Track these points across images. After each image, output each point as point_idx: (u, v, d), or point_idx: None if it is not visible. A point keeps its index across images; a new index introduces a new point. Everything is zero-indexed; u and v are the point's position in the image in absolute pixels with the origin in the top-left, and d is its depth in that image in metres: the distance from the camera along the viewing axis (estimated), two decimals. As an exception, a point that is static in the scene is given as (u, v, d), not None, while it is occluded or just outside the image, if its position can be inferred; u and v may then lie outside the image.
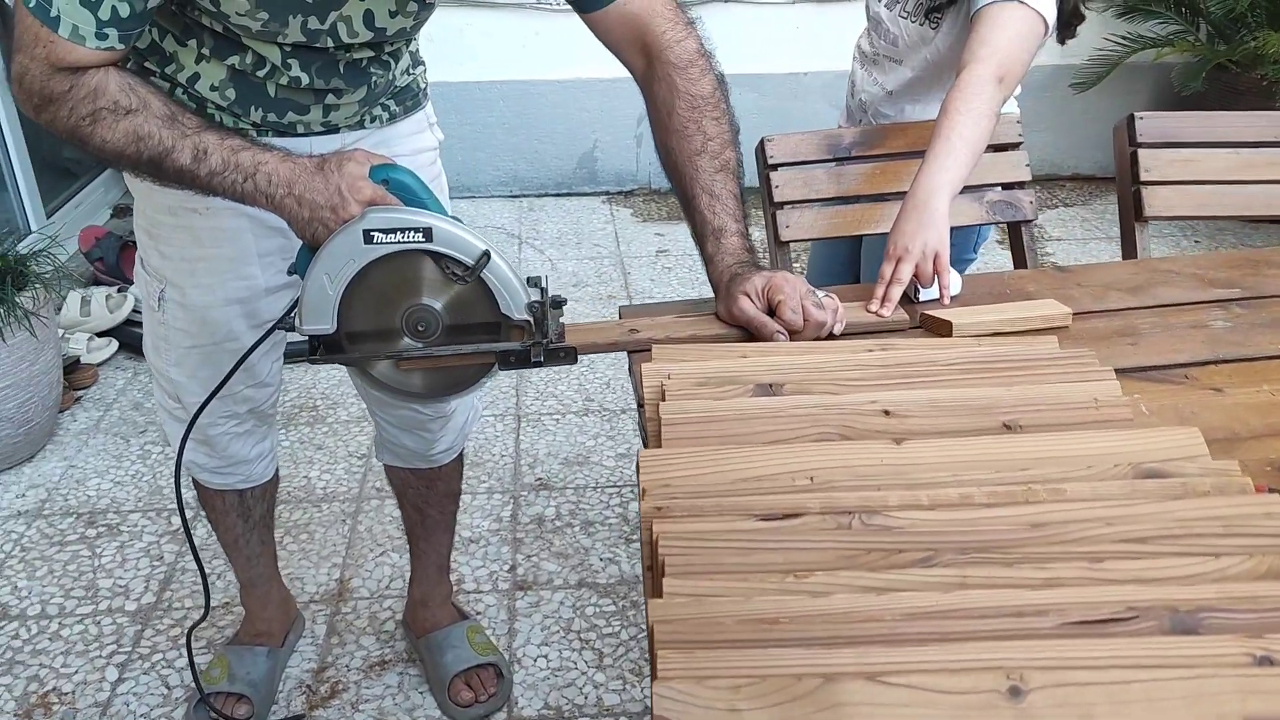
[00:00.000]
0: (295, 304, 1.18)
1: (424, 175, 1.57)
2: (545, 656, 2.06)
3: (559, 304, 1.26)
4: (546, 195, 4.44)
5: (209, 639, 2.10)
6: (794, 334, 1.23)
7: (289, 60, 1.31)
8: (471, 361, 1.21)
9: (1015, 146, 1.82)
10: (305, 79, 1.33)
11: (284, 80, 1.33)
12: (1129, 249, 1.81)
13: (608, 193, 4.46)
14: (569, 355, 1.22)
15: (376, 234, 1.10)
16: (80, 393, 2.96)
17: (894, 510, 0.84)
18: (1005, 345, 1.13)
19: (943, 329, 1.31)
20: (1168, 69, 4.07)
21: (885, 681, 0.67)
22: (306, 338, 1.19)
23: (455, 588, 2.20)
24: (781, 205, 1.79)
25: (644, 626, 2.13)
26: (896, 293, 1.36)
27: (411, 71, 1.54)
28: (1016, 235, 1.83)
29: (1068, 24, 1.66)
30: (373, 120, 1.49)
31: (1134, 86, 4.32)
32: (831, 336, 1.28)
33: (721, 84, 1.36)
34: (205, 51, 1.30)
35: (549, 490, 2.57)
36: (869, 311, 1.34)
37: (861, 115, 1.92)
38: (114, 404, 2.94)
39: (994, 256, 3.84)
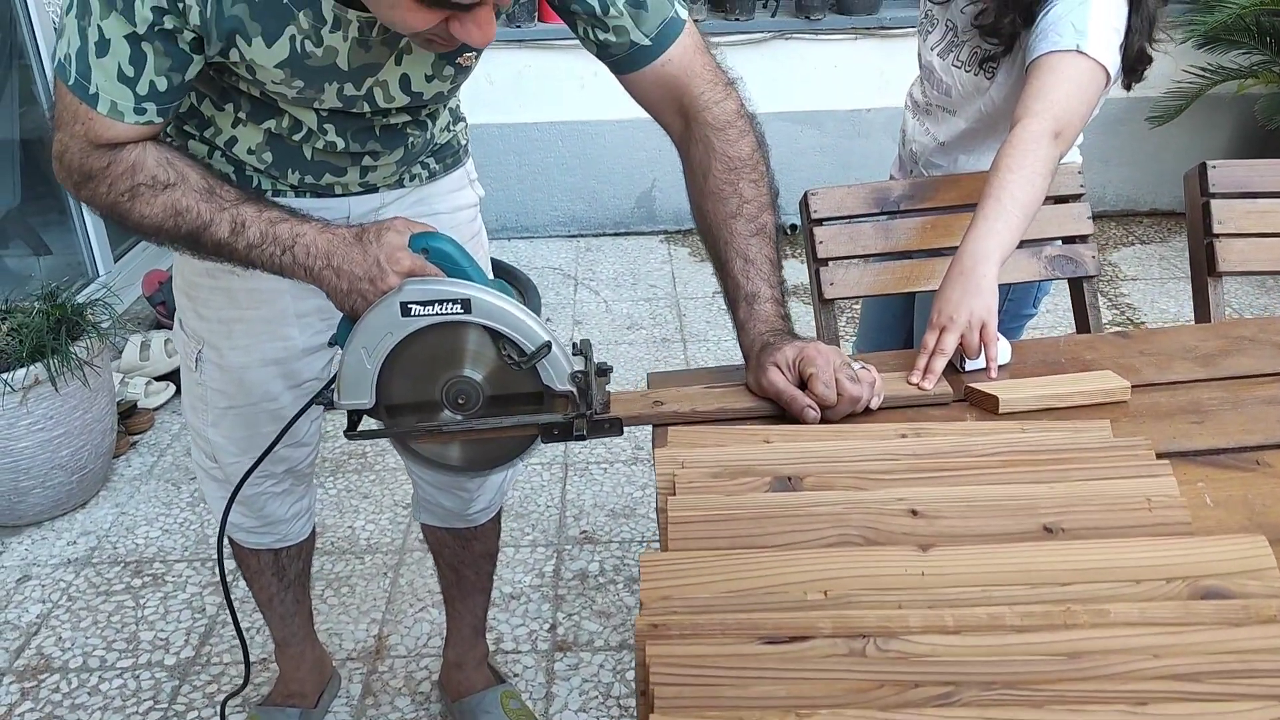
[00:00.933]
0: (334, 378, 1.16)
1: (463, 233, 1.56)
2: (582, 724, 1.99)
3: (604, 372, 1.23)
4: (604, 235, 4.41)
5: (244, 696, 2.08)
6: (826, 408, 1.16)
7: (325, 125, 1.29)
8: (513, 434, 1.19)
9: (1077, 198, 1.72)
10: (341, 143, 1.31)
11: (320, 145, 1.31)
12: (1201, 306, 1.69)
13: (665, 232, 4.42)
14: (614, 427, 1.18)
15: (414, 306, 1.08)
16: (136, 437, 2.99)
17: (914, 633, 0.76)
18: (1052, 432, 1.04)
19: (988, 404, 1.22)
20: (1251, 101, 3.89)
21: None
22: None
23: (493, 647, 2.15)
24: (825, 261, 1.72)
25: (686, 694, 2.05)
26: (940, 364, 1.28)
27: (452, 129, 1.52)
28: (1078, 292, 1.72)
29: (1133, 69, 1.56)
30: (412, 179, 1.47)
31: (1215, 120, 4.14)
32: (869, 411, 1.21)
33: (761, 146, 1.30)
34: (242, 115, 1.29)
35: (593, 544, 2.51)
36: (910, 384, 1.26)
37: (913, 165, 1.84)
38: (168, 449, 2.96)
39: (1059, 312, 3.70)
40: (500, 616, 2.26)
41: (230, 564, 2.41)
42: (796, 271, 3.99)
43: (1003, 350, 1.33)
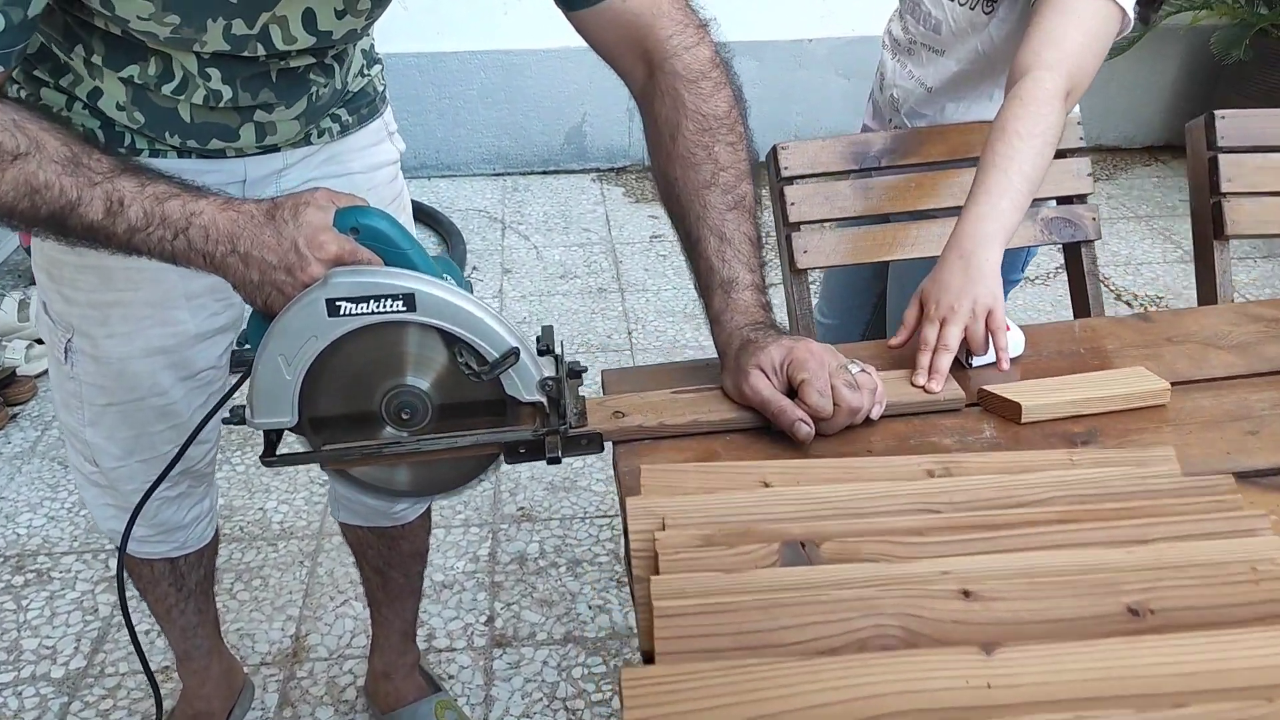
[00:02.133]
0: (241, 380, 0.97)
1: (383, 195, 1.32)
2: (526, 731, 1.81)
3: (577, 373, 1.04)
4: (532, 173, 4.13)
5: (144, 711, 1.85)
6: (820, 421, 0.97)
7: (207, 71, 1.05)
8: (470, 454, 0.99)
9: (1076, 152, 1.53)
10: (228, 94, 1.07)
11: (199, 97, 1.06)
12: (1205, 273, 1.53)
13: (598, 170, 4.15)
14: (593, 443, 1.01)
15: (344, 303, 0.88)
16: (16, 409, 2.68)
17: (996, 786, 0.57)
18: (1109, 466, 0.86)
19: (1008, 411, 1.04)
20: (1204, 34, 3.75)
21: None
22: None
23: (424, 645, 1.95)
24: (798, 226, 1.51)
25: (638, 693, 1.88)
26: (945, 362, 1.09)
27: (366, 73, 1.28)
28: (1075, 258, 1.55)
29: (1150, 1, 1.36)
30: (321, 134, 1.23)
31: (1166, 52, 4.00)
32: (868, 421, 1.02)
33: (739, 101, 1.09)
34: (96, 60, 1.02)
35: (532, 522, 2.31)
36: (915, 386, 1.07)
37: (892, 114, 1.63)
38: (54, 422, 2.65)
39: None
40: (431, 609, 2.05)
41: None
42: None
43: (1014, 341, 1.15)
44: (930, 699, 0.63)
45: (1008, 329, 1.15)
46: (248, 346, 0.99)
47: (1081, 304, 1.54)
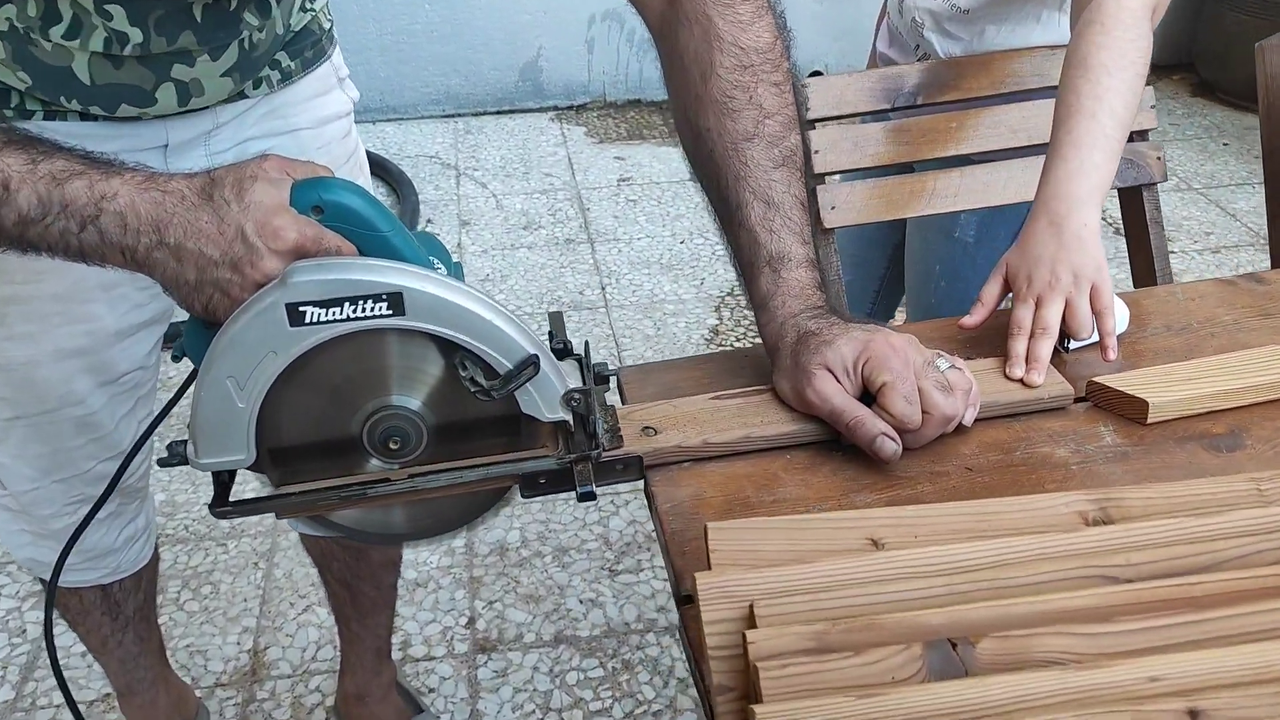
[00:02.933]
0: (184, 387, 0.76)
1: (335, 153, 1.10)
2: (520, 750, 1.63)
3: (604, 378, 0.86)
4: (485, 114, 3.83)
5: (85, 749, 1.63)
6: (907, 433, 0.77)
7: (106, 7, 0.82)
8: (477, 490, 0.80)
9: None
10: (136, 37, 0.85)
11: (98, 43, 0.84)
12: (1284, 218, 1.34)
13: (556, 108, 3.87)
14: (630, 468, 0.82)
15: (310, 309, 0.68)
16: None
17: None
18: (1313, 498, 0.66)
19: (1130, 408, 0.85)
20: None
21: None
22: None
23: (399, 653, 1.75)
24: (822, 178, 1.29)
25: (641, 699, 1.70)
26: (1046, 349, 0.89)
27: (309, 6, 1.05)
28: (1136, 205, 1.35)
29: None
30: (258, 86, 1.01)
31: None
32: (960, 427, 0.82)
33: (783, 31, 0.87)
34: None
35: (510, 506, 2.09)
36: (1010, 379, 0.87)
37: (917, 39, 1.40)
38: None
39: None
40: (405, 612, 1.84)
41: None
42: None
43: (1120, 315, 0.95)
44: None
45: (1111, 304, 0.95)
46: (184, 358, 0.78)
47: (1144, 260, 1.35)
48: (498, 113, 3.83)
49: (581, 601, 1.88)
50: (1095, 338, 0.94)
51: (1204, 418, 0.84)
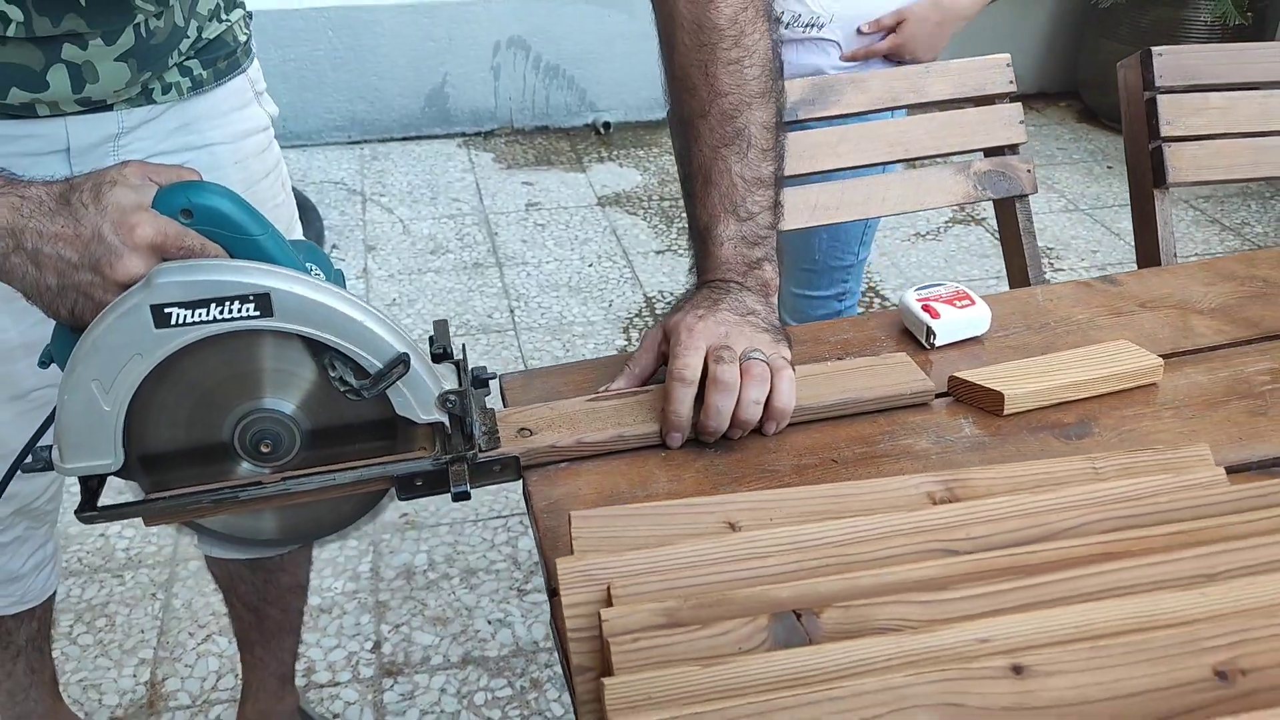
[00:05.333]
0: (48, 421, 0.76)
1: (253, 169, 1.09)
2: (427, 772, 1.61)
3: (483, 381, 0.86)
4: (391, 140, 3.82)
5: (-32, 793, 1.57)
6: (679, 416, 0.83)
7: None
8: (351, 493, 0.80)
9: (1006, 97, 1.39)
10: (17, 15, 0.84)
11: None
12: (1146, 228, 1.42)
13: (464, 135, 3.87)
14: (508, 469, 0.83)
15: (176, 310, 0.68)
16: None
17: None
18: (1139, 477, 0.70)
19: (988, 401, 0.89)
20: (1076, -22, 3.73)
21: None
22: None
23: (303, 680, 1.72)
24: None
25: (548, 714, 1.70)
26: None
27: (224, 17, 1.04)
28: (1010, 215, 1.41)
29: None
30: (166, 91, 0.99)
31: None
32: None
33: (751, 7, 0.91)
34: None
35: (417, 530, 2.08)
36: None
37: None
38: None
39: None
40: (309, 638, 1.81)
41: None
42: (616, 177, 3.58)
43: (979, 317, 1.00)
44: (1005, 838, 0.46)
45: (971, 303, 1.00)
46: (51, 364, 0.77)
47: (1018, 266, 1.41)
48: (404, 139, 3.82)
49: (490, 622, 1.88)
50: (960, 335, 0.98)
51: (1056, 409, 0.89)
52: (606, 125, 3.87)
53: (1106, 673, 0.54)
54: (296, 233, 1.27)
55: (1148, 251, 1.40)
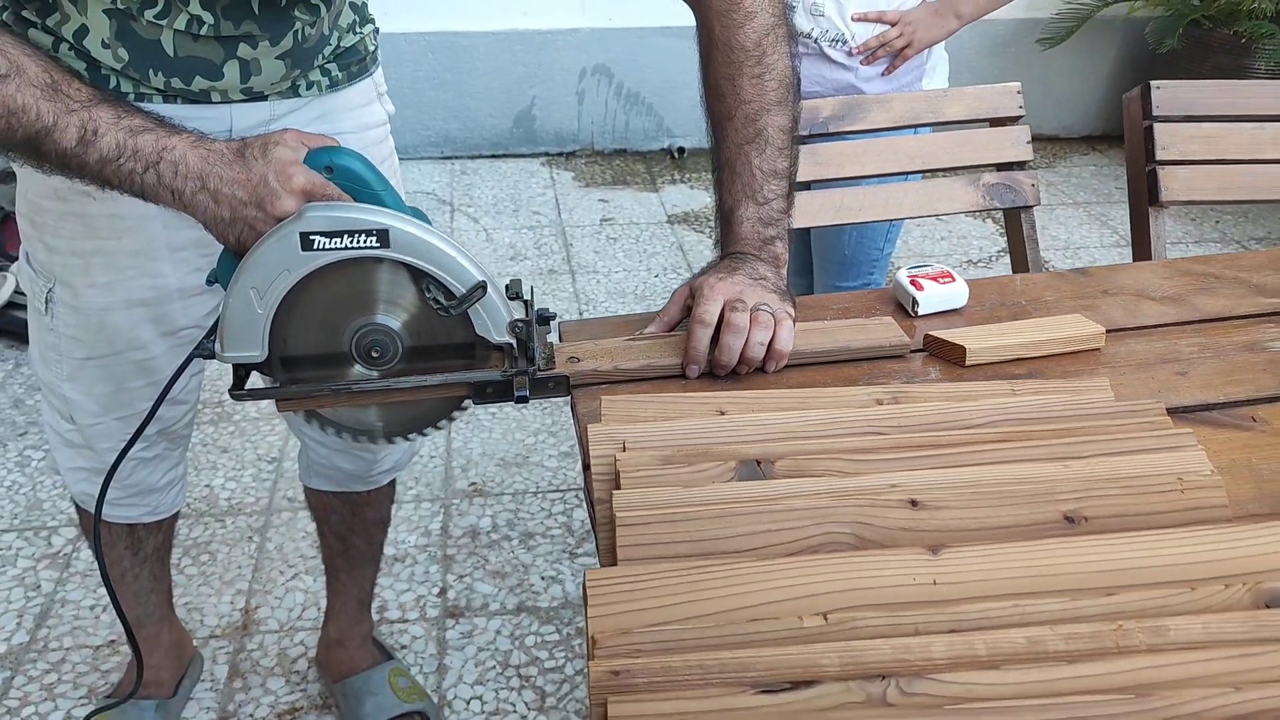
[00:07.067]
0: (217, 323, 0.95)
1: (373, 154, 1.29)
2: (480, 698, 1.82)
3: (546, 320, 1.04)
4: (480, 157, 4.12)
5: (90, 685, 1.83)
6: (700, 351, 1.01)
7: None
8: (438, 395, 1.00)
9: (1015, 120, 1.58)
10: (209, 20, 1.07)
11: (181, 23, 1.06)
12: (1141, 239, 1.59)
13: (547, 154, 4.15)
14: (559, 386, 1.02)
15: (318, 238, 0.89)
16: (-49, 388, 2.62)
17: (943, 670, 0.60)
18: (1048, 394, 0.89)
19: (953, 354, 1.08)
20: (1139, 25, 3.86)
21: None
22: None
23: (376, 617, 1.95)
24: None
25: (591, 659, 1.90)
26: None
27: (358, 30, 1.28)
28: (1015, 224, 1.60)
29: None
30: (309, 87, 1.23)
31: (1103, 43, 4.11)
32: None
33: (774, 32, 1.12)
34: None
35: (484, 497, 2.31)
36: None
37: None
38: (-9, 401, 2.61)
39: (966, 228, 3.65)
40: (383, 581, 2.05)
41: (72, 531, 2.14)
42: (686, 198, 3.82)
43: (958, 292, 1.19)
44: (879, 594, 0.66)
45: (952, 281, 1.19)
46: (215, 284, 0.99)
47: (1022, 270, 1.59)
48: (492, 156, 4.11)
49: (543, 579, 2.09)
50: (941, 307, 1.18)
51: (1011, 363, 1.07)
52: (681, 150, 4.11)
53: (981, 510, 0.74)
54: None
55: (1142, 259, 1.56)
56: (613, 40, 3.92)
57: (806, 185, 1.60)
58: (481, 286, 0.93)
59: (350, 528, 1.67)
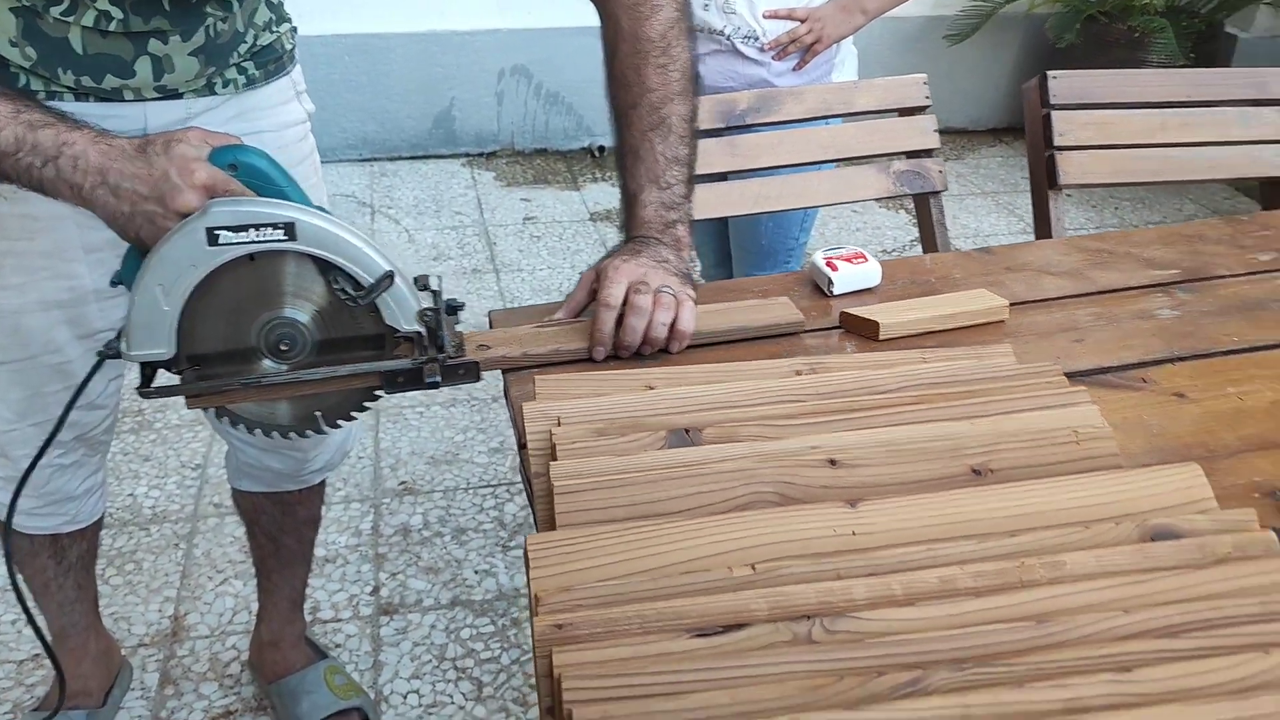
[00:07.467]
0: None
1: (292, 154, 1.31)
2: (417, 691, 1.83)
3: (455, 309, 1.05)
4: (400, 159, 4.10)
5: (15, 700, 1.79)
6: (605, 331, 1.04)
7: None
8: (349, 386, 1.00)
9: (922, 110, 1.65)
10: (117, 15, 1.07)
11: (89, 19, 1.06)
12: (1042, 220, 1.67)
13: (468, 155, 4.15)
14: (470, 372, 1.02)
15: (224, 232, 0.89)
16: None
17: (863, 609, 0.65)
18: (955, 360, 0.95)
19: (867, 329, 1.13)
20: (1040, 20, 4.01)
21: None
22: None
23: (309, 617, 1.94)
24: (668, 180, 1.57)
25: (526, 649, 1.93)
26: None
27: (275, 28, 1.28)
28: (925, 209, 1.67)
29: None
30: (226, 85, 1.22)
31: (1006, 38, 4.26)
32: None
33: (677, 25, 1.15)
34: None
35: (414, 495, 2.32)
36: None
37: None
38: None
39: (880, 219, 3.75)
40: (315, 582, 2.04)
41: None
42: (608, 196, 3.85)
43: (871, 272, 1.24)
44: (803, 545, 0.70)
45: (865, 261, 1.24)
46: (121, 284, 0.98)
47: (932, 251, 1.66)
48: (412, 158, 4.10)
49: (477, 572, 2.11)
50: (855, 286, 1.23)
51: (921, 336, 1.12)
52: (601, 149, 4.14)
53: (897, 467, 0.79)
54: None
55: (1043, 239, 1.65)
56: (531, 40, 3.94)
57: (724, 176, 1.65)
58: (389, 276, 0.94)
59: (281, 528, 1.67)
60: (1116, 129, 1.65)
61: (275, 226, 0.89)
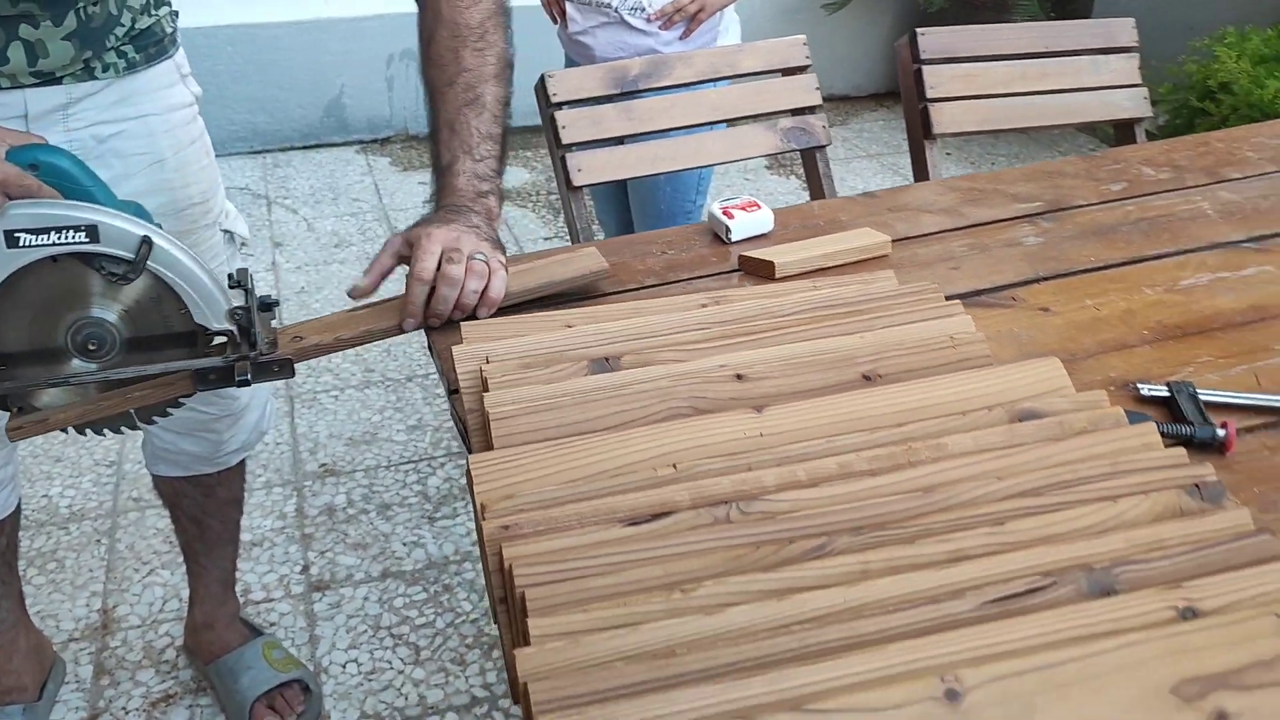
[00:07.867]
0: None
1: (181, 136, 1.32)
2: (355, 661, 1.88)
3: (269, 306, 1.07)
4: (292, 149, 4.07)
5: (-55, 704, 1.78)
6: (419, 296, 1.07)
7: None
8: (158, 385, 1.00)
9: (803, 70, 1.75)
10: None
11: None
12: (919, 167, 1.79)
13: (361, 142, 4.14)
14: (284, 368, 1.03)
15: (23, 235, 0.88)
16: None
17: (773, 493, 0.74)
18: (843, 286, 1.05)
19: (764, 270, 1.22)
20: (911, -13, 4.18)
21: (811, 709, 0.56)
22: None
23: (242, 599, 1.97)
24: (570, 147, 1.64)
25: (460, 612, 1.99)
26: None
27: (153, 11, 1.27)
28: (811, 162, 1.77)
29: None
30: (105, 69, 1.22)
31: (882, 6, 4.42)
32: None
33: (495, 17, 1.21)
34: None
35: (336, 476, 2.35)
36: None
37: None
38: None
39: (772, 185, 3.86)
40: (243, 565, 2.06)
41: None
42: (506, 175, 3.88)
43: (764, 219, 1.33)
44: (717, 447, 0.79)
45: (759, 209, 1.34)
46: None
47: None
48: (305, 147, 4.07)
49: (405, 544, 2.15)
50: (751, 232, 1.32)
51: (814, 273, 1.22)
52: (497, 128, 4.17)
53: (795, 378, 0.88)
54: (220, 195, 1.50)
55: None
56: (418, 24, 3.94)
57: (620, 140, 1.72)
58: (146, 241, 0.92)
59: (204, 510, 1.69)
60: (982, 80, 1.78)
61: (78, 229, 0.89)
